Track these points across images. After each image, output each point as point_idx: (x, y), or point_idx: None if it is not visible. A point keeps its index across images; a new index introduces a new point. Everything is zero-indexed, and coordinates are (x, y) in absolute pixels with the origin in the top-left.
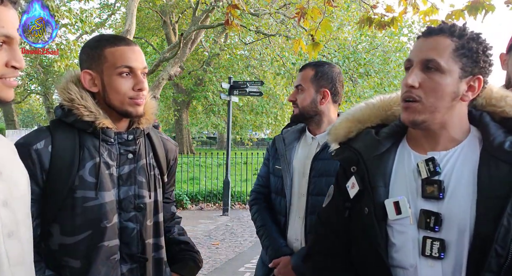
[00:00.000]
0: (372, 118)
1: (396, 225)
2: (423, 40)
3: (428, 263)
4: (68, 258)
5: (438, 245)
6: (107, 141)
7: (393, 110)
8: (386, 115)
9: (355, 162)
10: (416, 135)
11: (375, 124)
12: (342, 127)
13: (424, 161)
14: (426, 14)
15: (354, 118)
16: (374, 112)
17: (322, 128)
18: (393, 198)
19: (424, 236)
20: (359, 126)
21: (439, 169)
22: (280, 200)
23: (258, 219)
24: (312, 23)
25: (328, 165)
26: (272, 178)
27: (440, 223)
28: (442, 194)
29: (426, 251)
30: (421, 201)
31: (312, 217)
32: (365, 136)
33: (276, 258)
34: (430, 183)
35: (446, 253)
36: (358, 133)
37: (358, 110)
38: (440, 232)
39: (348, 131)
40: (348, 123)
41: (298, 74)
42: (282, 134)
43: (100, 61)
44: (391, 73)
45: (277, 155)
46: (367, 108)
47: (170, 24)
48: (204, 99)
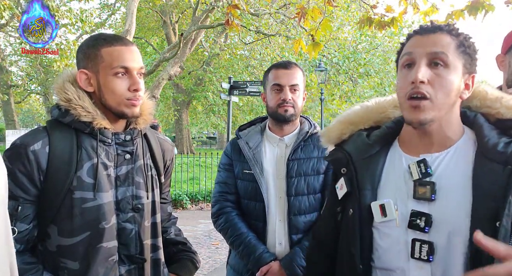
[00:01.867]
0: (365, 120)
1: (382, 227)
2: (420, 37)
3: (417, 265)
4: (66, 260)
5: (426, 247)
6: (105, 141)
7: (388, 112)
8: (380, 118)
9: (344, 164)
10: (410, 136)
11: (368, 126)
12: (335, 129)
13: (416, 163)
14: (426, 14)
15: (346, 120)
16: (367, 114)
17: (291, 129)
18: (379, 201)
19: (413, 238)
20: (352, 128)
21: (431, 171)
22: (255, 205)
23: (230, 229)
24: (312, 23)
25: (303, 164)
26: (240, 183)
27: (430, 224)
28: (434, 196)
29: (415, 254)
30: (412, 203)
31: (295, 218)
32: (357, 138)
33: (261, 265)
34: (422, 185)
35: (435, 255)
36: (350, 135)
37: (352, 113)
38: (430, 233)
39: (341, 133)
40: (341, 125)
41: (287, 72)
42: (241, 137)
43: (96, 61)
44: (391, 73)
45: (242, 159)
46: (361, 110)
47: (170, 24)
48: (204, 99)
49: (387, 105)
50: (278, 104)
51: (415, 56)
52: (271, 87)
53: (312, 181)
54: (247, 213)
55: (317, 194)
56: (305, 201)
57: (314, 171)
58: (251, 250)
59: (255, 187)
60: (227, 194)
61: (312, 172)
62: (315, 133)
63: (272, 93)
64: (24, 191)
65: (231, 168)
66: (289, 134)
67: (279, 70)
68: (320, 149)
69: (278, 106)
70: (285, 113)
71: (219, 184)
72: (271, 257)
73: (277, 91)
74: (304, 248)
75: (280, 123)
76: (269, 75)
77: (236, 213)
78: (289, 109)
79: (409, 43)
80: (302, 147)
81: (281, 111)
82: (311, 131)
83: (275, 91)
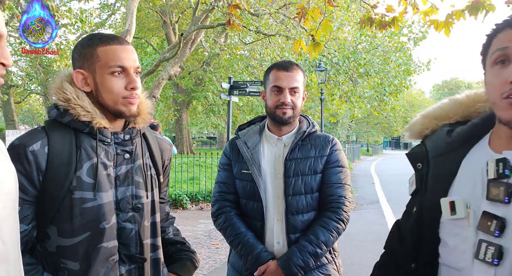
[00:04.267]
0: (451, 114)
1: (450, 225)
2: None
3: (481, 267)
4: (67, 260)
5: (493, 250)
6: (104, 141)
7: (477, 106)
8: (469, 112)
9: (420, 159)
10: (500, 133)
11: (454, 121)
12: (417, 124)
13: (495, 161)
14: (426, 14)
15: (431, 114)
16: (455, 108)
17: (289, 129)
18: (449, 197)
19: (481, 239)
20: (435, 122)
21: (508, 173)
22: (253, 204)
23: (229, 229)
24: (312, 23)
25: (300, 164)
26: (239, 183)
27: (503, 229)
28: (508, 198)
29: (480, 255)
30: (485, 203)
31: (293, 217)
32: (438, 134)
33: (259, 264)
34: (496, 185)
35: (503, 260)
36: (433, 130)
37: (438, 107)
38: (501, 238)
39: (422, 128)
40: (424, 119)
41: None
42: (240, 137)
43: (92, 60)
44: (391, 73)
45: (240, 159)
46: (449, 104)
47: (170, 24)
48: (204, 99)
49: (478, 99)
50: (277, 106)
51: (511, 52)
52: (271, 88)
53: (309, 181)
54: (245, 212)
55: (314, 194)
56: (302, 200)
57: (311, 171)
58: (250, 249)
59: (253, 186)
60: (226, 193)
61: (309, 171)
62: (313, 132)
63: (272, 94)
64: (23, 192)
65: (230, 168)
66: (288, 133)
67: (279, 71)
68: (318, 149)
69: (277, 107)
70: (283, 116)
71: (219, 184)
72: (269, 256)
73: (276, 92)
74: (302, 247)
75: (278, 124)
76: (269, 76)
77: (235, 212)
78: (287, 111)
79: (502, 36)
80: (300, 147)
81: (279, 113)
82: (308, 130)
83: (275, 93)
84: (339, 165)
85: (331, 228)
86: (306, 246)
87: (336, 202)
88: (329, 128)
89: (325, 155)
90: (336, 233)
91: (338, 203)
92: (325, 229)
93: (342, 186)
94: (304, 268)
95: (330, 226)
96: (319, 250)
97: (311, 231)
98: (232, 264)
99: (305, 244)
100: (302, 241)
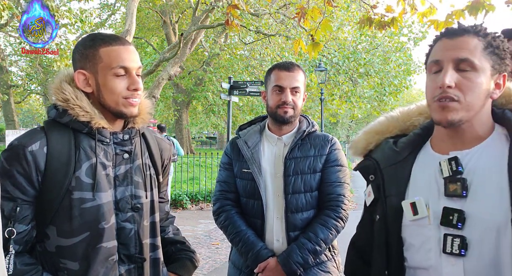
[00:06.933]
0: (391, 128)
1: (414, 226)
2: (447, 41)
3: (449, 261)
4: (66, 260)
5: (458, 241)
6: (103, 141)
7: (413, 120)
8: (406, 126)
9: (372, 171)
10: (441, 136)
11: (394, 134)
12: (361, 140)
13: (447, 160)
14: (424, 14)
15: (372, 130)
16: (393, 123)
17: (289, 129)
18: (410, 199)
19: (445, 233)
20: (377, 137)
21: (462, 169)
22: (253, 203)
23: (230, 227)
24: (312, 23)
25: (300, 163)
26: (239, 181)
27: (463, 221)
28: (466, 192)
29: (446, 248)
30: (444, 200)
31: (293, 215)
32: (384, 146)
33: (260, 261)
34: (453, 181)
35: (468, 251)
36: (377, 144)
37: (377, 123)
38: (463, 229)
39: (367, 143)
40: (366, 135)
41: (289, 74)
42: (241, 136)
43: (94, 61)
44: (391, 73)
45: (241, 158)
46: (387, 120)
47: (170, 24)
48: (204, 99)
49: (412, 114)
50: (278, 105)
51: (442, 62)
52: (272, 88)
53: (308, 179)
54: (246, 211)
55: (313, 192)
56: (302, 199)
57: (311, 170)
58: (250, 246)
59: (253, 185)
60: (227, 192)
61: (309, 170)
62: (312, 132)
63: (273, 94)
64: (22, 192)
65: (231, 167)
66: (288, 133)
67: (281, 71)
68: (317, 148)
69: (278, 107)
70: (284, 115)
71: (220, 183)
72: (269, 254)
73: (278, 92)
74: (301, 244)
75: (279, 123)
76: (271, 76)
77: (236, 211)
78: (288, 110)
79: (436, 47)
80: (299, 146)
81: (281, 112)
82: (308, 130)
83: (276, 92)
84: (338, 164)
85: (330, 226)
86: (305, 244)
87: (335, 200)
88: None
89: (324, 154)
90: (335, 231)
91: (337, 201)
92: (324, 227)
93: (341, 185)
94: (303, 265)
95: (329, 224)
96: (318, 247)
97: (311, 229)
98: (233, 261)
99: (304, 241)
100: (302, 238)
